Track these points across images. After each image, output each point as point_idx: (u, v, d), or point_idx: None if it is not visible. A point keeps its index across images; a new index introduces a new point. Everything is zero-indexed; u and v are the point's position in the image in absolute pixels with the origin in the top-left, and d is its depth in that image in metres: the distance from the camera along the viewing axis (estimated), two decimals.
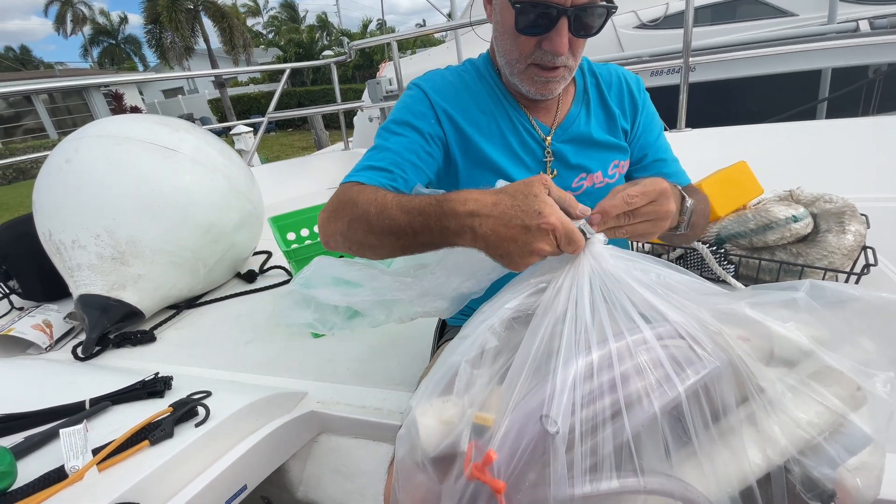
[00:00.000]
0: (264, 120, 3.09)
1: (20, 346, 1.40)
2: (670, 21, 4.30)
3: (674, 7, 4.29)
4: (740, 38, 3.70)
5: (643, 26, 4.58)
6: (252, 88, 23.92)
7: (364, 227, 0.63)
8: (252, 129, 4.03)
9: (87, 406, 0.87)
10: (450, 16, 4.39)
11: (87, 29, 26.32)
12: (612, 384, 0.45)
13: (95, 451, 0.72)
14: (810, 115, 3.78)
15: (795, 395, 0.47)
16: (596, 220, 0.55)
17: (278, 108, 3.14)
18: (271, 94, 3.11)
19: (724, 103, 4.00)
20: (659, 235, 0.69)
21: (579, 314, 0.50)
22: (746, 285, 1.13)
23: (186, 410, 0.80)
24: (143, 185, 1.40)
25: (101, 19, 26.67)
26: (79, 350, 1.33)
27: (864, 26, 3.23)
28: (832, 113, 3.74)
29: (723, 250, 1.17)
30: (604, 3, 0.67)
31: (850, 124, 2.09)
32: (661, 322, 0.48)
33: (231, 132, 4.28)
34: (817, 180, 1.28)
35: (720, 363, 0.46)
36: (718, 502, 0.44)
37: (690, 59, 2.07)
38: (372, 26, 30.21)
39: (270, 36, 29.63)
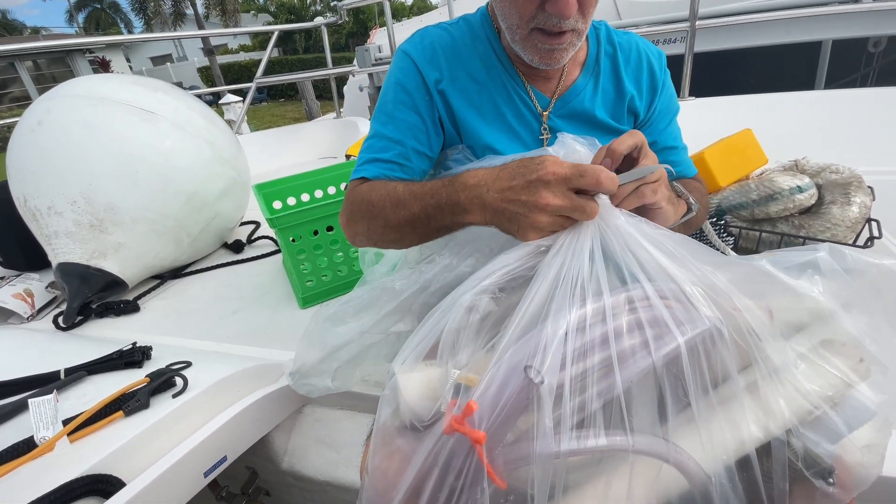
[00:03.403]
0: (252, 85, 2.97)
1: (2, 315, 1.36)
2: None
3: None
4: (742, 6, 3.59)
5: None
6: (242, 56, 23.25)
7: (382, 224, 0.65)
8: (241, 98, 3.89)
9: (63, 376, 0.84)
10: None
11: None
12: (604, 338, 0.43)
13: (67, 422, 0.69)
14: (809, 86, 3.72)
15: (800, 362, 0.45)
16: (607, 165, 0.52)
17: (269, 76, 3.02)
18: (261, 61, 2.98)
19: (722, 75, 3.91)
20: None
21: (578, 270, 0.47)
22: None
23: (163, 381, 0.77)
24: (120, 148, 1.34)
25: None
26: (60, 320, 1.30)
27: None
28: (830, 85, 3.69)
29: (723, 221, 1.13)
30: None
31: (858, 94, 2.03)
32: (665, 280, 0.46)
33: (220, 101, 4.13)
34: (824, 151, 1.23)
35: (720, 324, 0.44)
36: (712, 470, 0.42)
37: (697, 22, 1.98)
38: None
39: (261, 1, 28.59)
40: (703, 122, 1.36)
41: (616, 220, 0.50)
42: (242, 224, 1.86)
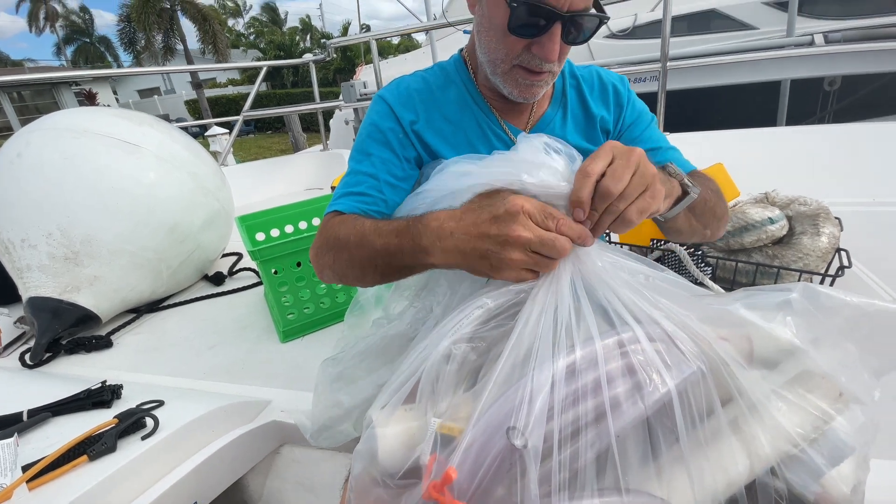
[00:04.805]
0: (239, 119, 3.00)
1: None
2: (639, 32, 4.43)
3: (642, 18, 4.42)
4: (704, 48, 3.86)
5: (613, 36, 4.69)
6: (230, 90, 23.55)
7: (346, 259, 0.65)
8: (227, 130, 3.93)
9: (25, 417, 0.80)
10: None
11: (61, 26, 25.51)
12: (596, 384, 0.42)
13: (27, 468, 0.65)
14: (771, 121, 3.95)
15: (777, 398, 0.45)
16: (579, 217, 0.49)
17: (257, 109, 3.06)
18: (249, 95, 3.02)
19: (692, 112, 4.13)
20: (669, 224, 0.65)
21: (560, 315, 0.46)
22: (724, 287, 1.13)
23: (133, 422, 0.74)
24: (101, 180, 1.32)
25: (76, 18, 25.89)
26: (27, 357, 1.25)
27: (820, 40, 3.42)
28: (790, 122, 3.93)
29: (700, 252, 1.15)
30: (597, 12, 0.65)
31: (819, 130, 2.14)
32: (648, 323, 0.45)
33: (206, 133, 4.16)
34: (791, 184, 1.29)
35: (704, 366, 0.44)
36: None
37: (668, 63, 2.09)
38: (354, 29, 30.16)
39: (252, 38, 29.24)
40: None
41: (593, 262, 0.50)
42: (224, 256, 1.84)
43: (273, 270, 1.19)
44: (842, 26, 3.78)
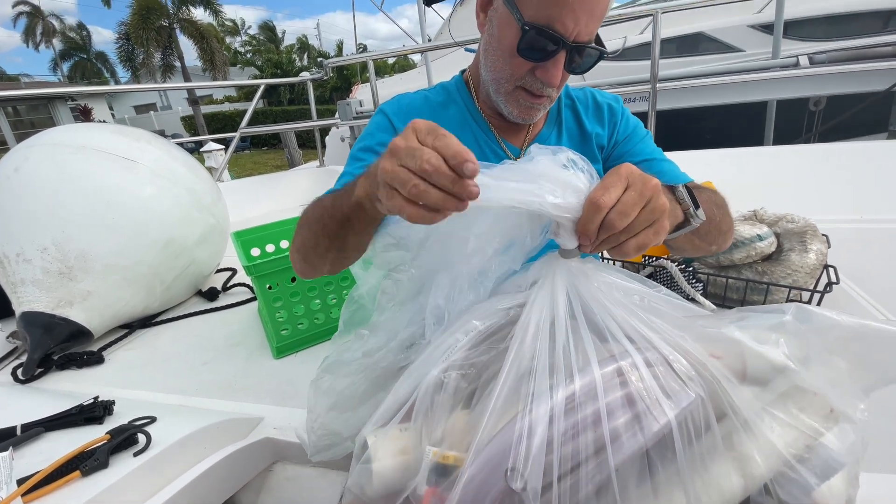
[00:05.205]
0: (236, 135, 3.02)
1: None
2: (629, 53, 4.55)
3: (632, 40, 4.55)
4: (693, 70, 3.98)
5: (604, 57, 4.81)
6: (227, 106, 23.71)
7: (305, 232, 0.65)
8: (223, 146, 3.95)
9: (19, 432, 0.79)
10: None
11: (58, 42, 25.69)
12: (595, 418, 0.41)
13: (22, 482, 0.64)
14: (759, 140, 4.05)
15: (769, 416, 0.46)
16: (585, 246, 0.47)
17: (254, 126, 3.09)
18: (246, 112, 3.06)
19: (678, 132, 4.22)
20: (671, 242, 0.63)
21: (556, 334, 0.46)
22: (716, 303, 1.14)
23: (125, 438, 0.73)
24: (97, 195, 1.33)
25: (73, 34, 26.09)
26: (19, 372, 1.23)
27: (804, 61, 3.54)
28: (777, 141, 4.04)
29: (691, 268, 1.17)
30: (599, 47, 0.68)
31: (805, 149, 2.19)
32: (646, 348, 0.45)
33: (202, 149, 4.18)
34: (779, 202, 1.32)
35: (703, 392, 0.44)
36: None
37: (658, 84, 2.15)
38: (350, 49, 30.64)
39: (248, 56, 29.58)
40: None
41: (588, 282, 0.49)
42: (219, 271, 1.84)
43: (268, 286, 1.20)
44: (826, 48, 3.91)
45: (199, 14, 18.85)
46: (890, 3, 4.18)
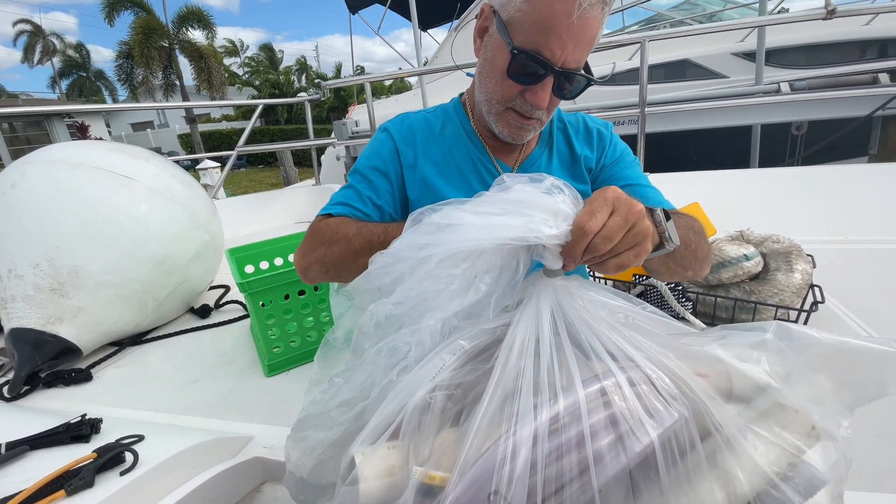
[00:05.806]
0: (233, 153, 3.05)
1: None
2: (619, 78, 4.70)
3: (620, 66, 4.70)
4: (680, 95, 4.13)
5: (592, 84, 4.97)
6: (224, 125, 23.89)
7: (341, 249, 0.70)
8: (220, 164, 3.98)
9: (3, 451, 0.78)
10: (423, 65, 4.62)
11: (57, 61, 25.91)
12: (579, 440, 0.41)
13: (4, 501, 0.63)
14: (745, 163, 4.16)
15: (751, 433, 0.46)
16: (569, 266, 0.49)
17: (251, 144, 3.12)
18: (243, 131, 3.09)
19: (666, 155, 4.33)
20: (647, 265, 0.66)
21: (541, 351, 0.47)
22: (705, 322, 1.15)
23: (112, 457, 0.72)
24: (92, 211, 1.33)
25: (73, 53, 26.35)
26: (5, 389, 1.21)
27: (786, 88, 3.70)
28: (763, 164, 4.17)
29: (681, 287, 1.19)
30: (587, 74, 0.72)
31: (789, 172, 2.25)
32: (629, 367, 0.46)
33: (198, 167, 4.20)
34: (764, 223, 1.35)
35: (686, 411, 0.44)
36: None
37: (646, 108, 2.21)
38: (347, 71, 31.13)
39: (246, 77, 29.94)
40: None
41: (573, 300, 0.50)
42: (212, 288, 1.83)
43: (261, 303, 1.20)
44: (806, 75, 4.06)
45: (198, 35, 19.15)
46: (867, 33, 4.36)
